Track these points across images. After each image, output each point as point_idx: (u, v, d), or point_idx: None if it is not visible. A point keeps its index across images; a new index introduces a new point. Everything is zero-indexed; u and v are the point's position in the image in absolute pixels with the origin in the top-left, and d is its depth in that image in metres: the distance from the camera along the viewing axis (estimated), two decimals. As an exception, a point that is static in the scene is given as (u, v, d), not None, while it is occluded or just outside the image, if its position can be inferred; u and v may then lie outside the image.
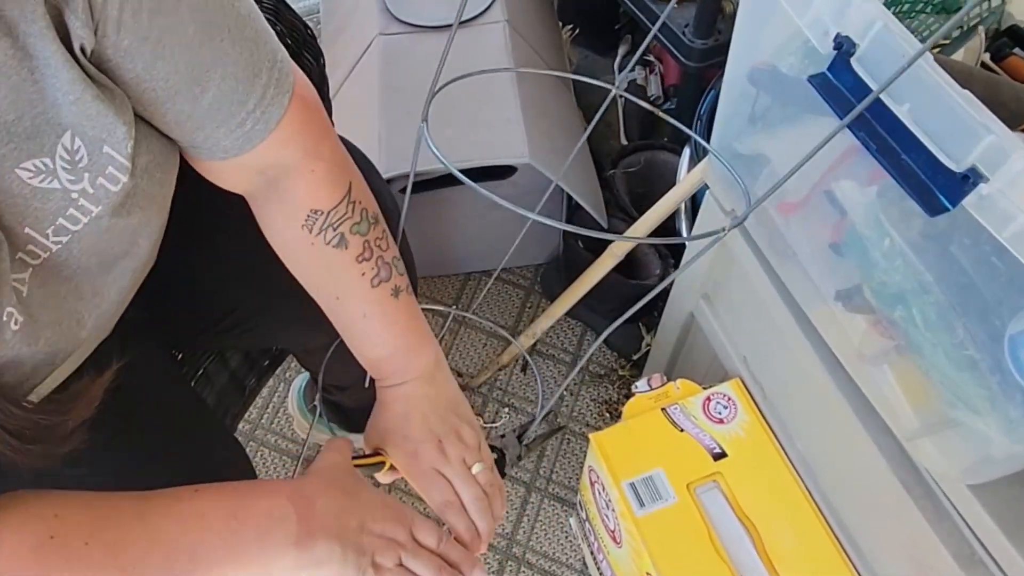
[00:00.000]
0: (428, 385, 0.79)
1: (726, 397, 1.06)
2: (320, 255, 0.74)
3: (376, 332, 0.78)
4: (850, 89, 0.54)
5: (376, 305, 0.77)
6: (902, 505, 0.78)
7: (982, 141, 0.46)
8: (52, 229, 0.56)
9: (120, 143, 0.56)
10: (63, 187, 0.54)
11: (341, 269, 0.75)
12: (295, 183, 0.71)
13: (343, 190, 0.73)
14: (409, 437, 0.75)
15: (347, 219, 0.74)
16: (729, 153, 0.87)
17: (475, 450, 0.76)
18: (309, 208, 0.72)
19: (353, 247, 0.74)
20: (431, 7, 1.46)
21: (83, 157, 0.54)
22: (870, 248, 0.66)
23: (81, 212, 0.56)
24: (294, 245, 0.75)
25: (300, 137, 0.69)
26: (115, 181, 0.57)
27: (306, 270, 0.77)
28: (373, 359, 0.79)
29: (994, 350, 0.57)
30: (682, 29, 1.27)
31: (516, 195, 1.45)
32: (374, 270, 0.76)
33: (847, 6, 0.54)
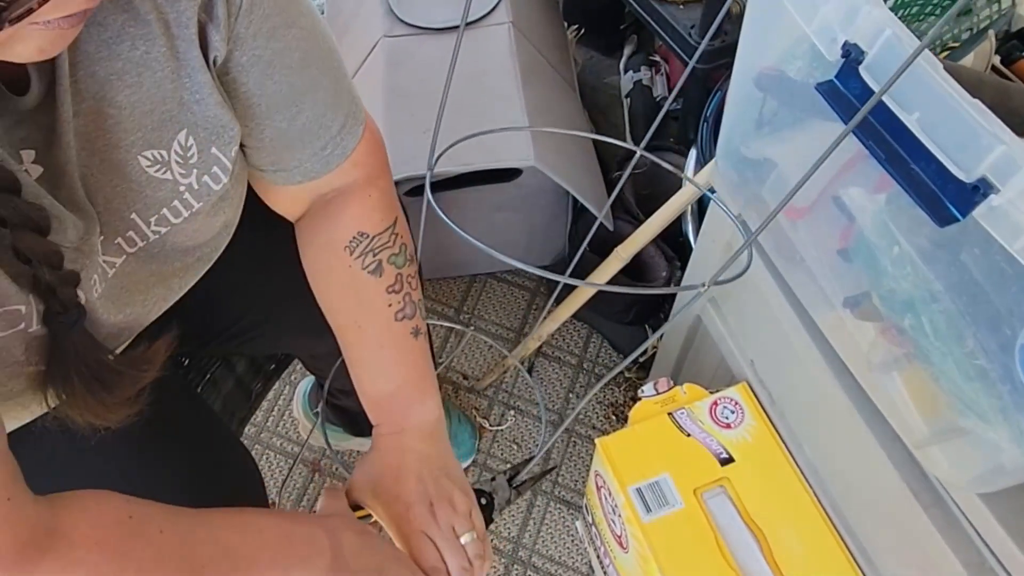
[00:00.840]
0: (426, 441, 0.78)
1: (733, 402, 1.05)
2: (354, 279, 0.76)
3: (388, 366, 0.78)
4: (858, 97, 0.54)
5: (394, 339, 0.77)
6: (911, 512, 0.78)
7: (993, 152, 0.46)
8: (155, 218, 0.61)
9: (227, 146, 0.62)
10: (174, 179, 0.60)
11: (370, 296, 0.76)
12: (350, 205, 0.75)
13: (390, 220, 0.78)
14: (401, 497, 0.74)
15: (387, 248, 0.77)
16: (736, 157, 0.86)
17: (466, 517, 0.75)
18: (357, 230, 0.75)
19: (387, 277, 0.76)
20: (435, 9, 1.45)
21: (194, 155, 0.60)
22: (879, 255, 0.65)
23: (184, 206, 0.62)
24: (331, 266, 0.77)
25: (366, 166, 0.75)
26: (217, 180, 0.63)
27: (335, 293, 0.78)
28: (377, 395, 0.79)
29: (1005, 360, 0.56)
30: (688, 30, 1.26)
31: (521, 197, 1.44)
32: (400, 304, 0.77)
33: (855, 13, 0.53)
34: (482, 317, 1.64)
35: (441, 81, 1.42)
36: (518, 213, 1.48)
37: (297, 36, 0.63)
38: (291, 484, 1.45)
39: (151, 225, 0.61)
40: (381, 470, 0.76)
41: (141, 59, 0.55)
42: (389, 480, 0.75)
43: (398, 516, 0.73)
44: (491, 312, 1.65)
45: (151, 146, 0.58)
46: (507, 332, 1.62)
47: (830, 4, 0.56)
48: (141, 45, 0.54)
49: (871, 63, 0.53)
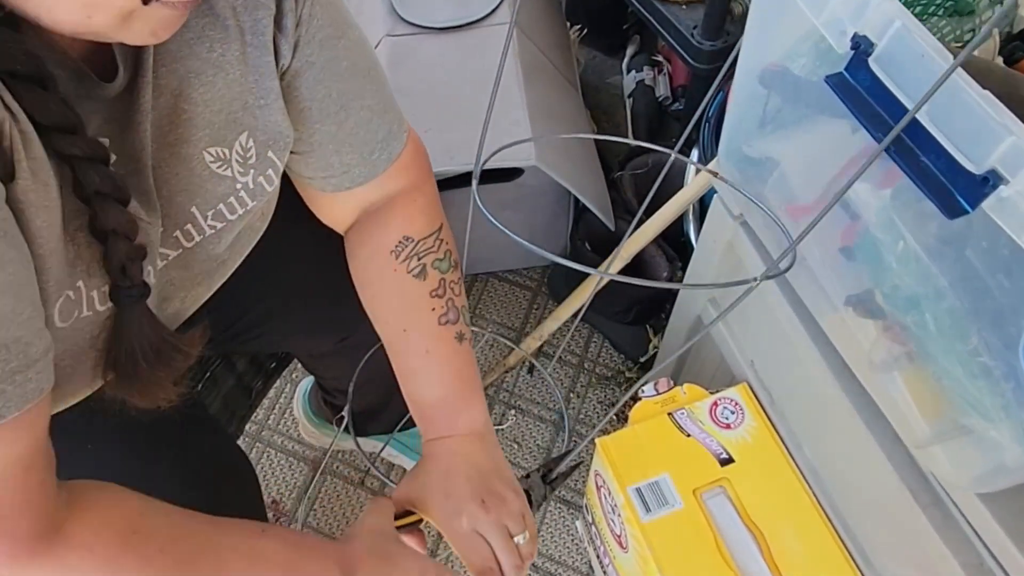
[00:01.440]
0: (476, 444, 0.77)
1: (733, 402, 1.05)
2: (399, 283, 0.77)
3: (434, 372, 0.78)
4: (867, 89, 0.53)
5: (440, 343, 0.78)
6: (910, 513, 0.77)
7: (1003, 143, 0.45)
8: (212, 213, 0.64)
9: (281, 152, 0.66)
10: (232, 176, 0.63)
11: (415, 300, 0.77)
12: (397, 209, 0.78)
13: (436, 225, 0.80)
14: (451, 495, 0.73)
15: (432, 252, 0.79)
16: (737, 156, 0.86)
17: (519, 517, 0.74)
18: (403, 234, 0.77)
19: (430, 281, 0.78)
20: (437, 8, 1.45)
21: (252, 156, 0.64)
22: (883, 252, 0.65)
23: (239, 203, 0.65)
24: (378, 270, 0.78)
25: (411, 171, 0.78)
26: (271, 182, 0.67)
27: (382, 297, 0.79)
28: (425, 402, 0.78)
29: (1009, 357, 0.56)
30: (690, 31, 1.26)
31: (523, 197, 1.44)
32: (444, 309, 0.78)
33: (865, 5, 0.53)
34: (484, 316, 1.64)
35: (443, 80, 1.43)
36: (520, 212, 1.48)
37: (346, 46, 0.67)
38: (292, 483, 1.44)
39: (208, 219, 0.64)
40: (430, 472, 0.76)
41: (217, 61, 0.58)
42: (438, 480, 0.74)
43: (449, 515, 0.72)
44: (493, 311, 1.65)
45: (216, 143, 0.61)
46: (508, 331, 1.62)
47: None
48: (218, 48, 0.58)
49: (881, 54, 0.53)
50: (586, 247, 1.48)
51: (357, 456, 1.47)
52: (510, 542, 0.72)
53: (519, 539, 0.73)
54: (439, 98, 1.37)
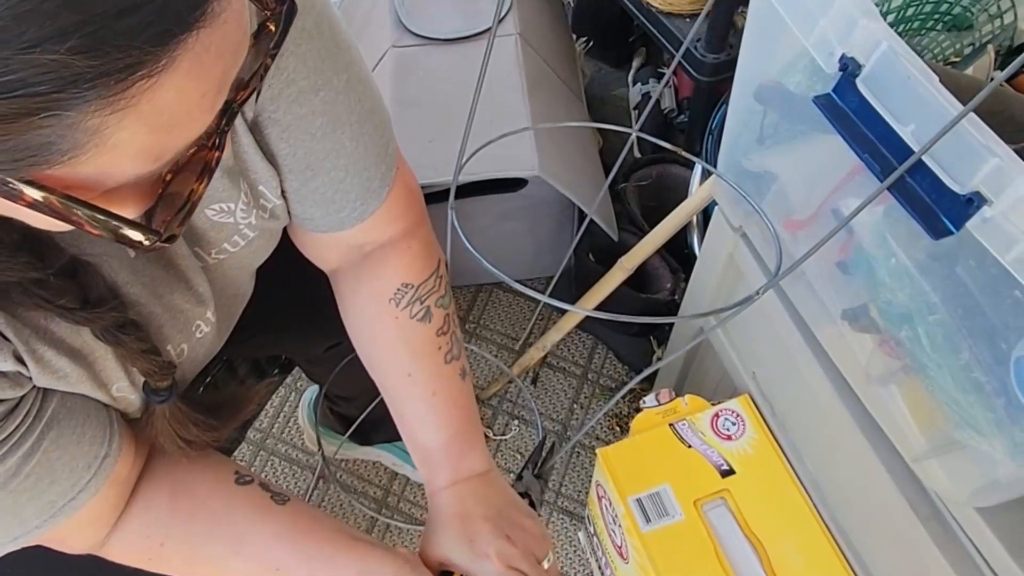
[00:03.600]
0: (482, 485, 0.76)
1: (735, 413, 1.05)
2: (403, 329, 0.75)
3: (441, 413, 0.76)
4: (855, 111, 0.54)
5: (446, 383, 0.76)
6: (909, 526, 0.78)
7: (986, 164, 0.46)
8: (215, 250, 0.64)
9: (271, 187, 0.63)
10: (235, 221, 0.63)
11: (421, 343, 0.76)
12: (390, 258, 0.75)
13: (433, 266, 0.77)
14: (476, 541, 0.71)
15: (434, 293, 0.77)
16: (737, 170, 0.87)
17: (542, 541, 0.74)
18: (401, 282, 0.75)
19: (436, 320, 0.76)
20: (444, 20, 1.46)
21: (249, 197, 0.63)
22: (876, 267, 0.65)
23: (241, 237, 0.65)
24: (378, 319, 0.76)
25: (403, 220, 0.75)
26: (267, 209, 0.65)
27: (383, 346, 0.77)
28: (431, 447, 0.77)
29: (1000, 373, 0.56)
30: (694, 43, 1.27)
31: (527, 207, 1.45)
32: (449, 345, 0.77)
33: (853, 27, 0.54)
34: (487, 327, 1.65)
35: (448, 91, 1.44)
36: (524, 223, 1.49)
37: (325, 100, 0.61)
38: (295, 491, 1.45)
39: (212, 255, 0.64)
40: (447, 525, 0.74)
41: None
42: (458, 530, 0.73)
43: (479, 559, 0.71)
44: (496, 322, 1.65)
45: (220, 201, 0.60)
46: (512, 342, 1.63)
47: (828, 17, 0.56)
48: None
49: (868, 76, 0.53)
50: (590, 258, 1.48)
51: (361, 465, 1.48)
52: (541, 568, 0.72)
53: (546, 563, 0.73)
54: (445, 109, 1.38)
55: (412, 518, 1.43)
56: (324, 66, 0.60)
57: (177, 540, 0.66)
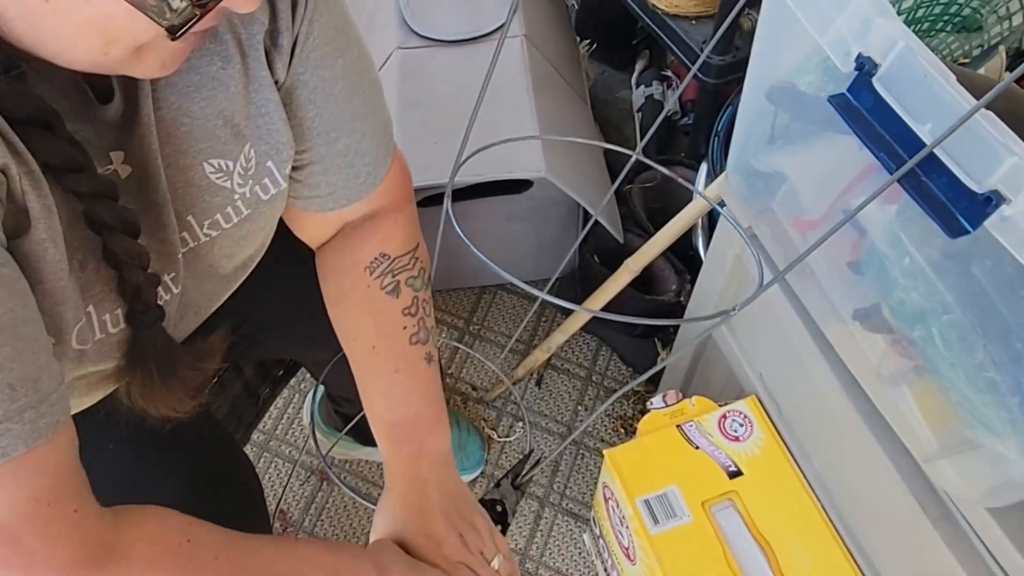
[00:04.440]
0: (443, 469, 0.78)
1: (742, 415, 1.05)
2: (371, 299, 0.77)
3: (402, 391, 0.78)
4: (870, 110, 0.54)
5: (409, 362, 0.78)
6: (919, 526, 0.78)
7: (1004, 163, 0.46)
8: (209, 222, 0.64)
9: (283, 164, 0.66)
10: (231, 187, 0.63)
11: (387, 317, 0.77)
12: (377, 227, 0.78)
13: (412, 244, 0.80)
14: (432, 535, 0.73)
15: (406, 270, 0.79)
16: (746, 170, 0.87)
17: (490, 540, 0.76)
18: (379, 251, 0.77)
19: (403, 298, 0.78)
20: (449, 21, 1.47)
21: (252, 166, 0.64)
22: (889, 267, 0.65)
23: (235, 212, 0.65)
24: (350, 286, 0.78)
25: (393, 194, 0.78)
26: (266, 191, 0.66)
27: (352, 313, 0.79)
28: (391, 422, 0.78)
29: (1015, 372, 0.56)
30: (699, 45, 1.27)
31: (532, 208, 1.45)
32: (415, 328, 0.78)
33: (869, 26, 0.54)
34: (491, 328, 1.65)
35: (453, 93, 1.44)
36: (529, 224, 1.49)
37: (344, 66, 0.66)
38: (299, 493, 1.45)
39: (204, 228, 0.64)
40: (405, 513, 0.75)
41: (217, 74, 0.59)
42: (416, 523, 0.74)
43: (432, 553, 0.73)
44: (500, 323, 1.65)
45: (220, 156, 0.61)
46: (516, 344, 1.62)
47: (844, 17, 0.56)
48: (218, 61, 0.58)
49: (884, 75, 0.53)
50: (595, 260, 1.48)
51: (364, 466, 1.48)
52: (490, 568, 0.74)
53: (495, 562, 0.74)
54: (449, 110, 1.38)
55: (417, 520, 1.43)
56: (340, 36, 0.65)
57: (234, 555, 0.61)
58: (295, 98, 0.65)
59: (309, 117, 0.66)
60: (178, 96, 0.58)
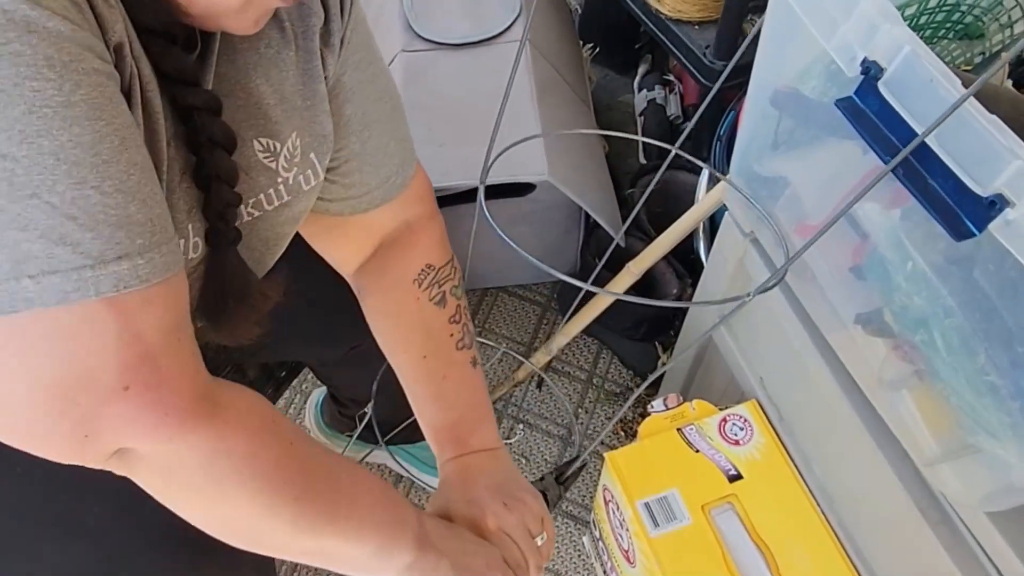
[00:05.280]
0: (490, 459, 0.80)
1: (742, 419, 1.05)
2: (422, 311, 0.80)
3: (451, 396, 0.80)
4: (877, 113, 0.54)
5: (457, 368, 0.80)
6: (919, 531, 0.78)
7: (1009, 166, 0.46)
8: (253, 202, 0.65)
9: (323, 155, 0.69)
10: (276, 170, 0.65)
11: (436, 328, 0.80)
12: (419, 238, 0.81)
13: (450, 254, 0.84)
14: (474, 501, 0.75)
15: (450, 280, 0.82)
16: (749, 175, 0.87)
17: (538, 520, 0.76)
18: (425, 262, 0.80)
19: (449, 307, 0.81)
20: (453, 25, 1.47)
21: (298, 155, 0.66)
22: (892, 271, 0.66)
23: (276, 196, 0.67)
24: (402, 300, 0.80)
25: (425, 201, 0.82)
26: (308, 182, 0.69)
27: (404, 328, 0.81)
28: (440, 425, 0.80)
29: (1016, 377, 0.57)
30: (703, 50, 1.27)
31: (535, 212, 1.45)
32: (461, 334, 0.81)
33: (875, 30, 0.54)
34: (493, 331, 1.65)
35: (457, 96, 1.44)
36: (532, 227, 1.49)
37: (374, 72, 0.72)
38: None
39: (248, 207, 0.65)
40: (451, 488, 0.77)
41: (274, 58, 0.62)
42: (459, 492, 0.76)
43: (474, 519, 0.74)
44: (502, 326, 1.66)
45: (268, 135, 0.63)
46: (518, 346, 1.63)
47: (849, 22, 0.57)
48: (275, 45, 0.62)
49: (890, 79, 0.54)
50: (596, 262, 1.48)
51: (366, 467, 1.48)
52: (533, 543, 0.75)
53: (539, 540, 0.75)
54: (454, 114, 1.39)
55: (416, 521, 1.43)
56: (370, 44, 0.71)
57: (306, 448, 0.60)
58: (336, 96, 0.68)
59: (347, 114, 0.70)
60: (237, 71, 0.60)
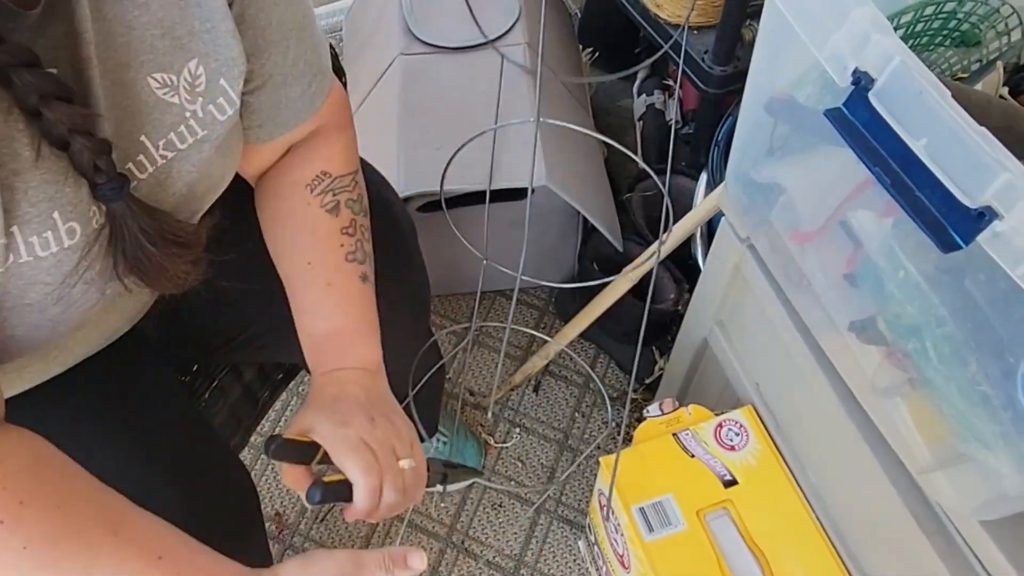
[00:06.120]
0: (367, 378, 0.75)
1: (738, 424, 1.06)
2: (311, 215, 0.78)
3: (332, 304, 0.77)
4: (866, 125, 0.55)
5: (342, 279, 0.77)
6: (913, 539, 0.78)
7: (997, 179, 0.47)
8: (163, 142, 0.62)
9: (234, 80, 0.65)
10: (180, 103, 0.62)
11: (324, 234, 0.77)
12: (319, 146, 0.79)
13: (353, 168, 0.81)
14: (340, 412, 0.70)
15: (347, 191, 0.79)
16: (745, 181, 0.87)
17: (407, 444, 0.71)
18: (321, 169, 0.78)
19: (343, 218, 0.78)
20: (452, 28, 1.47)
21: (202, 83, 0.63)
22: (885, 280, 0.66)
23: (189, 132, 0.64)
24: (292, 204, 0.78)
25: (337, 113, 0.79)
26: (222, 112, 0.65)
27: (291, 231, 0.78)
28: (319, 334, 0.77)
29: (1007, 386, 0.57)
30: (701, 55, 1.28)
31: (532, 216, 1.45)
32: (352, 248, 0.78)
33: (866, 41, 0.54)
34: (490, 334, 1.65)
35: (456, 99, 1.44)
36: (529, 232, 1.49)
37: None
38: (296, 496, 1.45)
39: (159, 149, 0.62)
40: (316, 401, 0.73)
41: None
42: (328, 405, 0.71)
43: (336, 427, 0.68)
44: (499, 329, 1.66)
45: (162, 69, 0.60)
46: (515, 350, 1.63)
47: (841, 32, 0.57)
48: None
49: (880, 90, 0.54)
50: (594, 268, 1.49)
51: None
52: (395, 462, 0.69)
53: (405, 463, 0.70)
54: (452, 117, 1.39)
55: (413, 524, 1.43)
56: None
57: (42, 503, 0.55)
58: (249, 9, 0.65)
59: (260, 26, 0.66)
60: (111, 7, 0.56)
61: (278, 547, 1.41)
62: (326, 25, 2.04)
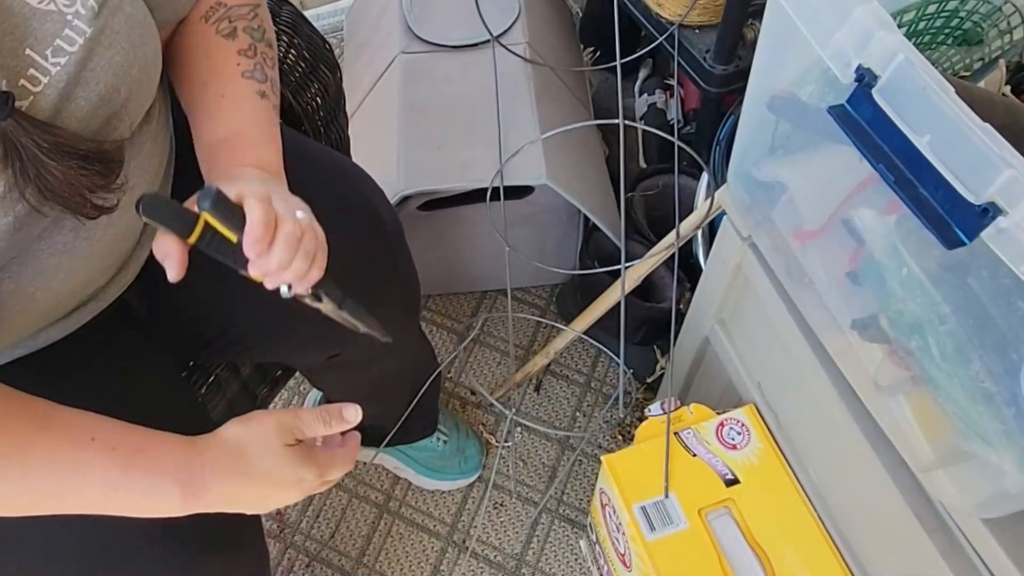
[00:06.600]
0: (265, 175, 0.72)
1: (740, 423, 1.06)
2: (206, 41, 0.77)
3: (227, 112, 0.75)
4: (869, 121, 0.54)
5: (237, 91, 0.76)
6: (915, 537, 0.78)
7: (1001, 175, 0.46)
8: (51, 50, 0.60)
9: None
10: (58, 9, 0.60)
11: (219, 56, 0.76)
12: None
13: (253, 3, 0.79)
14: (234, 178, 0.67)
15: (244, 19, 0.78)
16: (746, 180, 0.87)
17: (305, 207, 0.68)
18: (216, 1, 0.77)
19: (240, 41, 0.77)
20: (453, 27, 1.47)
21: None
22: (887, 277, 0.66)
23: (75, 32, 0.61)
24: (189, 36, 0.77)
25: None
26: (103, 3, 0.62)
27: (187, 58, 0.77)
28: (213, 139, 0.74)
29: (1010, 384, 0.57)
30: (703, 54, 1.27)
31: (533, 215, 1.45)
32: (251, 68, 0.76)
33: (870, 38, 0.54)
34: (491, 333, 1.65)
35: (456, 98, 1.44)
36: (530, 230, 1.49)
37: None
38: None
39: (48, 59, 0.60)
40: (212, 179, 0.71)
41: None
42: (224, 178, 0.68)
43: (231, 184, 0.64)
44: (501, 329, 1.66)
45: None
46: (516, 349, 1.63)
47: (844, 28, 0.57)
48: None
49: (884, 87, 0.54)
50: (596, 266, 1.48)
51: (363, 469, 1.48)
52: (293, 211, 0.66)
53: (300, 215, 0.66)
54: (453, 116, 1.39)
55: (414, 523, 1.43)
56: None
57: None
58: None
59: None
60: None
61: (279, 546, 1.41)
62: (327, 25, 2.04)
